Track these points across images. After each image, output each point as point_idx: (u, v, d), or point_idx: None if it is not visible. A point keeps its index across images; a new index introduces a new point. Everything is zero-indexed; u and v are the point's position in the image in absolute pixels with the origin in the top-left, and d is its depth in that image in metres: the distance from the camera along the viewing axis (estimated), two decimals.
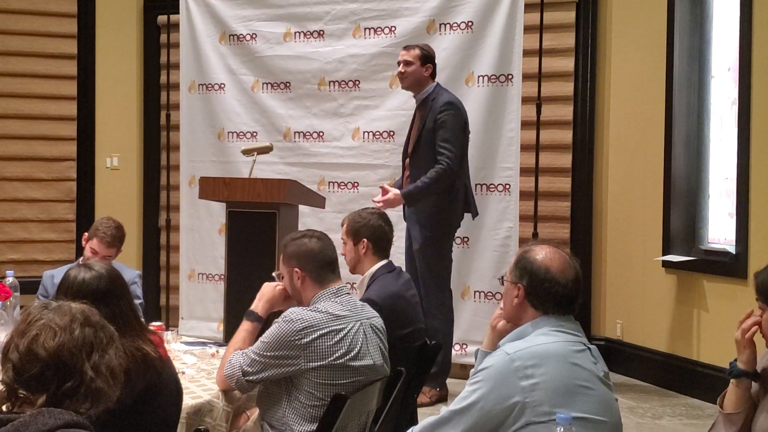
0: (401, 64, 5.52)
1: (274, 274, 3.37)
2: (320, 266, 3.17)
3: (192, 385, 3.17)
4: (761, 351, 2.79)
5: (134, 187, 7.79)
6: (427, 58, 5.51)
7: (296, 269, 3.19)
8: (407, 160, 5.58)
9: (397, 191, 5.35)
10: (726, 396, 2.77)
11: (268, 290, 3.33)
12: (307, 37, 6.46)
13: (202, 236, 6.71)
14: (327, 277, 3.18)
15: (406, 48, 5.57)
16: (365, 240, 3.82)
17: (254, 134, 6.56)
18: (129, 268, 4.69)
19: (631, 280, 6.41)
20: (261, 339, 3.04)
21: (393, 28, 6.23)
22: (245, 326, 3.26)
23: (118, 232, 4.50)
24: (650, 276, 6.17)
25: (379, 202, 5.29)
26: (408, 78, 5.52)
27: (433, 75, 5.56)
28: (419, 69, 5.48)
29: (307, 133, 6.44)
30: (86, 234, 4.53)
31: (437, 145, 5.34)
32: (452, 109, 5.39)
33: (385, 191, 5.35)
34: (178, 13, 6.81)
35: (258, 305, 3.31)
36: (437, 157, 5.33)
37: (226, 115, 6.65)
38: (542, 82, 6.26)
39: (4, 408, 1.82)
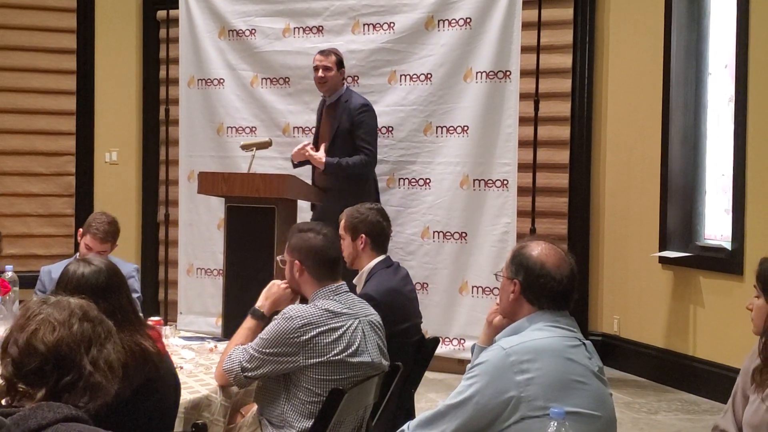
0: (320, 69, 5.68)
1: (278, 258, 3.38)
2: (319, 264, 3.19)
3: (190, 380, 3.18)
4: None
5: (133, 182, 7.81)
6: (342, 62, 5.75)
7: (296, 261, 3.21)
8: None
9: (323, 157, 5.50)
10: None
11: (275, 290, 3.34)
12: (306, 32, 6.47)
13: (200, 231, 6.72)
14: (325, 275, 3.19)
15: (324, 53, 5.74)
16: (363, 235, 3.84)
17: (253, 129, 6.57)
18: (126, 262, 4.68)
19: (628, 276, 6.43)
20: (260, 335, 3.06)
21: (392, 24, 6.24)
22: (248, 323, 3.27)
23: (110, 227, 4.42)
24: (647, 272, 6.19)
25: (310, 149, 5.52)
26: (328, 83, 5.71)
27: (344, 77, 5.81)
28: (337, 74, 5.72)
29: (306, 129, 6.44)
30: (81, 230, 4.50)
31: (358, 142, 5.60)
32: (369, 110, 5.70)
33: (316, 150, 5.55)
34: (177, 8, 6.82)
35: (264, 304, 3.32)
36: (359, 151, 5.58)
37: (225, 110, 6.66)
38: (540, 78, 6.27)
39: (3, 402, 1.84)
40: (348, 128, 5.62)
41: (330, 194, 5.56)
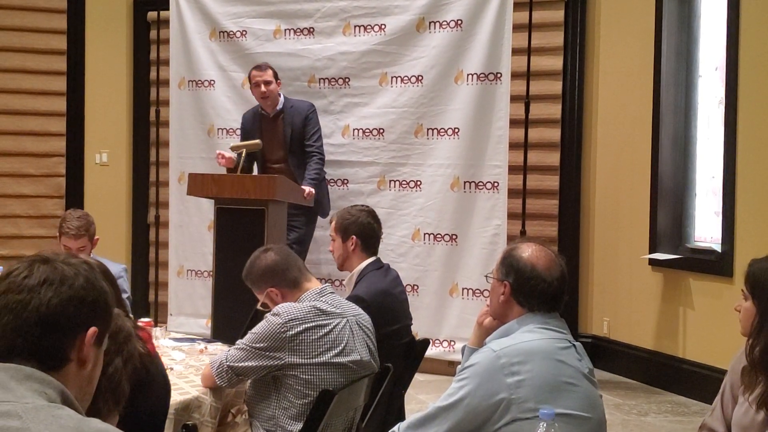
0: (262, 85, 5.82)
1: (258, 306, 3.35)
2: (287, 270, 3.21)
3: (180, 381, 3.18)
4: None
5: (123, 183, 7.79)
6: (276, 74, 5.90)
7: (271, 288, 3.21)
8: (281, 165, 5.93)
9: (307, 188, 5.61)
10: None
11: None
12: (298, 34, 6.46)
13: (191, 232, 6.71)
14: (299, 278, 3.22)
15: (260, 69, 5.87)
16: (354, 237, 3.84)
17: None
18: (113, 262, 4.63)
19: (618, 278, 6.44)
20: (251, 331, 3.05)
21: (383, 26, 6.24)
22: None
23: (80, 222, 4.30)
24: (637, 274, 6.21)
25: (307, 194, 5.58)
26: (271, 96, 5.88)
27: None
28: (276, 86, 5.89)
29: None
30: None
31: (308, 140, 5.90)
32: (315, 109, 6.01)
33: (309, 192, 5.60)
34: (168, 9, 6.81)
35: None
36: (310, 150, 5.89)
37: (215, 112, 6.65)
38: (531, 80, 6.28)
39: None
40: (301, 130, 5.87)
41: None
